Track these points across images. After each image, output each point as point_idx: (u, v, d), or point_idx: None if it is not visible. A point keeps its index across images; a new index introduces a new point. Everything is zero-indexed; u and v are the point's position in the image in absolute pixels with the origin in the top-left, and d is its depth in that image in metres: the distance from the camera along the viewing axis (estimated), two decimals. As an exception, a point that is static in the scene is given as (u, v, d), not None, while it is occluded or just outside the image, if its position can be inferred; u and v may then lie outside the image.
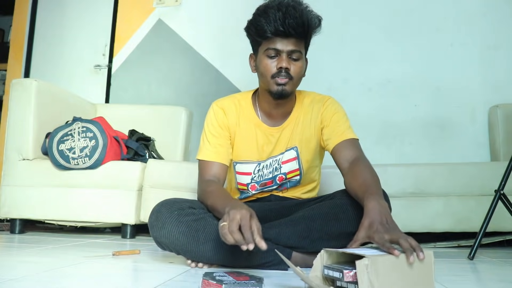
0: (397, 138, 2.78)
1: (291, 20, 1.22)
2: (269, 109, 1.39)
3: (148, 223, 1.26)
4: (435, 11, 2.82)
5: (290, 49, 1.26)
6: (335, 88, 2.83)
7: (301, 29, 1.24)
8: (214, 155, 1.36)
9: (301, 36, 1.27)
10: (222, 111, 1.41)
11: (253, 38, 1.33)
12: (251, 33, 1.32)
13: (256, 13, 1.30)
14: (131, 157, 2.33)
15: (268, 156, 1.41)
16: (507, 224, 1.86)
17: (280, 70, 1.27)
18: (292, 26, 1.23)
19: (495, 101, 2.60)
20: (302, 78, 1.35)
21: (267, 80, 1.31)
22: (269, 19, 1.24)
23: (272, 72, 1.28)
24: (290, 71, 1.28)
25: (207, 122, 1.42)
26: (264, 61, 1.29)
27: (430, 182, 2.00)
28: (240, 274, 0.94)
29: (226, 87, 3.01)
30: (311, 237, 1.21)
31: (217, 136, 1.38)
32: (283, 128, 1.40)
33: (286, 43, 1.26)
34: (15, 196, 2.19)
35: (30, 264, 1.26)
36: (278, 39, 1.26)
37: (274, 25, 1.23)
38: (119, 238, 2.15)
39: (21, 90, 2.22)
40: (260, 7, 1.29)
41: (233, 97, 1.45)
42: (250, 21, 1.31)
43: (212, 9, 3.16)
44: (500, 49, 2.71)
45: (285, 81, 1.28)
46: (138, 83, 3.21)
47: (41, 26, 3.43)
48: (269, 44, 1.27)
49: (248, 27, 1.32)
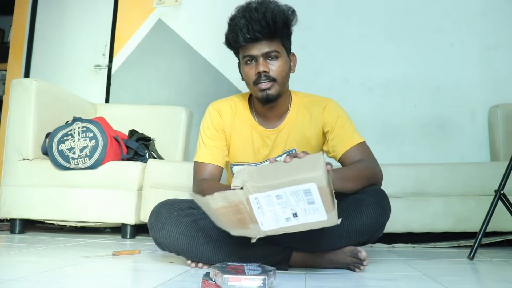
0: (397, 138, 2.78)
1: (254, 24, 1.23)
2: (263, 112, 1.39)
3: (148, 224, 1.26)
4: (435, 11, 2.82)
5: (264, 51, 1.27)
6: (335, 88, 2.83)
7: (267, 30, 1.24)
8: (209, 157, 1.37)
9: (271, 36, 1.26)
10: (217, 113, 1.41)
11: (231, 49, 1.36)
12: (227, 45, 1.35)
13: (228, 24, 1.31)
14: (131, 157, 2.33)
15: (264, 158, 1.40)
16: (507, 224, 1.86)
17: (259, 74, 1.27)
18: (257, 30, 1.23)
19: (495, 101, 2.60)
20: (288, 75, 1.34)
21: (251, 88, 1.32)
22: (236, 29, 1.25)
23: (252, 79, 1.29)
24: (270, 73, 1.28)
25: (202, 125, 1.43)
26: (245, 69, 1.31)
27: (430, 182, 2.00)
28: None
29: (226, 87, 3.01)
30: (311, 236, 1.21)
31: (212, 138, 1.39)
32: (280, 130, 1.39)
33: (259, 47, 1.26)
34: (15, 196, 2.19)
35: (30, 264, 1.26)
36: (250, 45, 1.27)
37: (241, 33, 1.24)
38: (119, 238, 2.15)
39: (21, 90, 2.22)
40: (229, 18, 1.31)
41: (230, 99, 1.46)
42: (225, 34, 1.33)
43: (212, 9, 3.16)
44: (500, 49, 2.71)
45: (268, 85, 1.28)
46: (138, 83, 3.21)
47: (41, 26, 3.43)
48: (244, 51, 1.29)
49: (225, 40, 1.34)
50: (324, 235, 1.21)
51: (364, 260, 1.19)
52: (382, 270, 1.29)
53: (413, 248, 1.93)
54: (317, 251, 1.25)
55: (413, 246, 1.95)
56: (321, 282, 1.07)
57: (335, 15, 2.89)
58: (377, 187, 1.27)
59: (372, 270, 1.27)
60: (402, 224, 1.96)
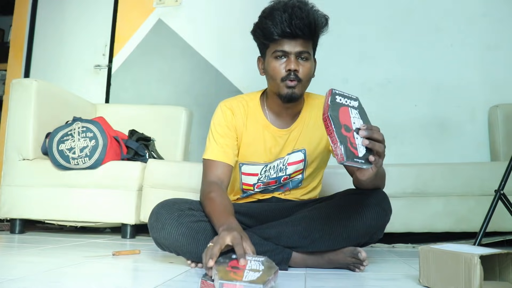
0: (397, 138, 2.78)
1: (298, 21, 1.21)
2: (279, 110, 1.37)
3: (148, 224, 1.25)
4: (435, 11, 2.82)
5: (298, 50, 1.25)
6: (335, 88, 2.82)
7: (308, 30, 1.23)
8: (221, 155, 1.33)
9: (309, 36, 1.26)
10: (230, 112, 1.38)
11: (260, 41, 1.32)
12: (258, 36, 1.31)
13: (262, 16, 1.28)
14: (131, 157, 2.33)
15: (275, 157, 1.39)
16: (507, 224, 1.86)
17: (289, 72, 1.26)
18: (299, 27, 1.22)
19: (495, 101, 2.60)
20: (311, 79, 1.33)
21: (276, 83, 1.29)
22: (275, 21, 1.23)
23: (281, 75, 1.27)
24: (299, 73, 1.26)
25: (214, 122, 1.39)
26: (273, 64, 1.28)
27: (430, 182, 2.00)
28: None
29: (226, 87, 3.01)
30: (312, 236, 1.21)
31: (224, 136, 1.36)
32: (292, 130, 1.38)
33: (294, 45, 1.25)
34: (15, 196, 2.19)
35: (30, 264, 1.26)
36: (286, 40, 1.25)
37: (281, 27, 1.22)
38: (119, 238, 2.15)
39: (21, 90, 2.22)
40: (266, 9, 1.28)
41: (241, 97, 1.43)
42: (257, 24, 1.30)
43: (212, 9, 3.16)
44: (500, 49, 2.71)
45: (295, 84, 1.26)
46: (138, 83, 3.21)
47: (41, 26, 3.43)
48: (277, 46, 1.26)
49: (255, 30, 1.31)
50: (324, 236, 1.21)
51: (364, 261, 1.19)
52: (382, 270, 1.29)
53: (413, 248, 1.93)
54: (317, 251, 1.25)
55: (413, 246, 1.95)
56: (321, 282, 1.08)
57: (335, 15, 2.86)
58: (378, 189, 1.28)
59: (372, 270, 1.27)
60: (402, 224, 1.96)
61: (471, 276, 0.87)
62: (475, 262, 0.87)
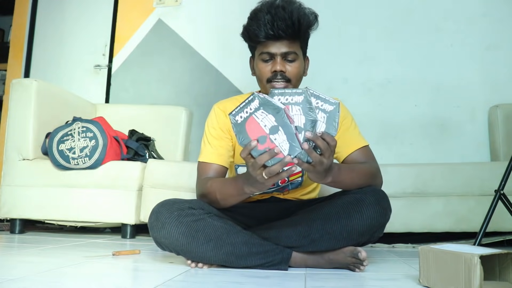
0: (397, 138, 2.78)
1: (280, 22, 1.21)
2: None
3: (148, 224, 1.25)
4: (435, 11, 2.82)
5: (283, 51, 1.25)
6: (335, 88, 2.83)
7: (291, 30, 1.23)
8: (215, 157, 1.35)
9: (293, 36, 1.25)
10: (223, 113, 1.39)
11: (248, 43, 1.34)
12: (245, 38, 1.32)
13: (248, 18, 1.29)
14: (131, 157, 2.33)
15: None
16: (507, 224, 1.86)
17: (275, 73, 1.26)
18: (282, 28, 1.22)
19: (495, 101, 2.60)
20: (302, 78, 1.34)
21: (263, 84, 1.31)
22: (259, 23, 1.23)
23: (267, 76, 1.28)
24: (286, 73, 1.27)
25: (208, 124, 1.40)
26: (259, 65, 1.29)
27: (430, 182, 2.00)
28: None
29: (226, 87, 3.01)
30: (311, 236, 1.21)
31: (218, 138, 1.37)
32: None
33: (279, 46, 1.25)
34: (15, 196, 2.19)
35: (30, 264, 1.26)
36: (271, 42, 1.25)
37: (264, 29, 1.22)
38: (119, 238, 2.15)
39: (21, 90, 2.22)
40: (252, 11, 1.28)
41: (235, 99, 1.44)
42: (244, 26, 1.31)
43: (212, 9, 3.16)
44: (500, 49, 2.71)
45: (283, 85, 1.27)
46: (138, 83, 3.21)
47: (41, 26, 3.43)
48: (263, 48, 1.27)
49: (243, 32, 1.32)
50: (324, 235, 1.21)
51: (364, 260, 1.19)
52: (382, 270, 1.29)
53: (413, 248, 1.93)
54: (317, 251, 1.25)
55: (413, 246, 1.95)
56: (321, 282, 1.08)
57: (335, 14, 2.89)
58: (377, 188, 1.28)
59: (372, 270, 1.27)
60: (402, 224, 1.96)
61: (471, 276, 0.87)
62: (475, 262, 0.87)
